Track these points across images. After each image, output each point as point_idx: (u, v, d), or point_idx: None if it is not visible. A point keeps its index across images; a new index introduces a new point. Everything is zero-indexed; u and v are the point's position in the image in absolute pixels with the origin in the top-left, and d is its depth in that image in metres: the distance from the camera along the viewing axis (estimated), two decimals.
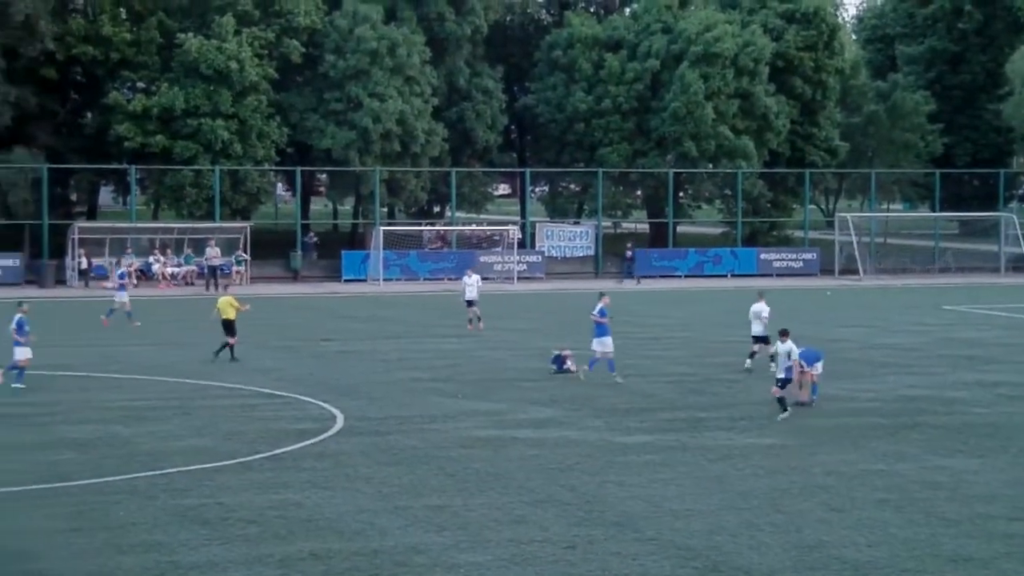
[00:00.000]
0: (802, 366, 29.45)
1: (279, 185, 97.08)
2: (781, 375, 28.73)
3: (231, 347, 36.88)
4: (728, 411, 29.36)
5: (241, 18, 67.85)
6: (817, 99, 79.40)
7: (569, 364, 35.31)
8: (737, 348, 38.06)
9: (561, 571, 17.63)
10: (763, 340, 34.98)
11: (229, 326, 37.00)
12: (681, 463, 24.24)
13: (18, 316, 32.16)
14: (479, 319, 45.54)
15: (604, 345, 33.54)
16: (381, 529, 19.44)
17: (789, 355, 28.62)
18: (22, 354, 31.83)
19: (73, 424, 27.49)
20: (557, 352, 35.71)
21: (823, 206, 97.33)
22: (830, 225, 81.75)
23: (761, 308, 35.76)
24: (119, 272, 48.04)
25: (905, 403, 30.82)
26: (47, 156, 66.89)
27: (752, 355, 35.51)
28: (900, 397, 31.71)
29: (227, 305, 37.32)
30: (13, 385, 31.52)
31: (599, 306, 33.88)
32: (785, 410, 28.46)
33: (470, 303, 45.88)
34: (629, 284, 67.31)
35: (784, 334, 28.96)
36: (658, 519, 20.19)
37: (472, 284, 46.23)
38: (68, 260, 63.68)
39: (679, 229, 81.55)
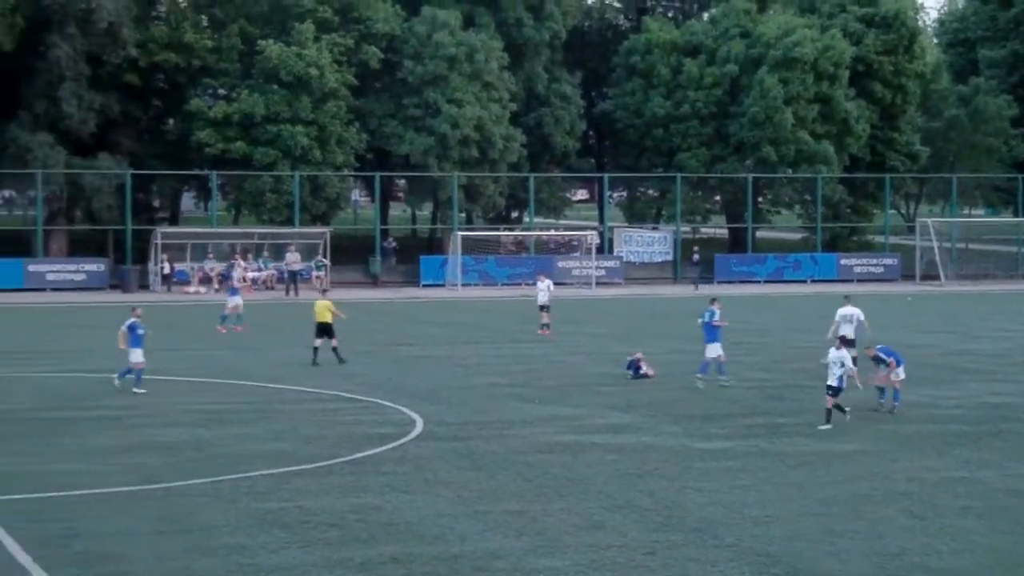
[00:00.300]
0: (893, 363, 29.28)
1: (355, 191, 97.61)
2: (833, 383, 28.04)
3: (335, 348, 37.36)
4: (808, 417, 29.14)
5: (321, 25, 68.37)
6: (897, 103, 78.66)
7: (645, 368, 35.29)
8: (817, 354, 37.71)
9: None
10: (851, 343, 34.73)
11: (325, 329, 37.38)
12: (760, 469, 24.10)
13: (131, 320, 32.54)
14: (547, 326, 45.56)
15: (713, 350, 33.35)
16: (460, 534, 19.49)
17: (842, 363, 27.99)
18: (136, 357, 32.25)
19: (158, 427, 27.81)
20: (630, 357, 35.68)
21: (903, 211, 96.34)
22: (911, 230, 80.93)
23: (850, 311, 35.47)
24: (232, 275, 47.44)
25: (988, 410, 30.45)
26: (130, 162, 67.75)
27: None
28: (983, 404, 31.33)
29: (324, 309, 37.74)
30: (134, 390, 31.83)
31: (711, 310, 33.75)
32: (828, 422, 27.78)
33: (543, 308, 45.92)
34: (703, 288, 67.00)
35: (843, 342, 28.04)
36: (737, 525, 20.09)
37: (544, 289, 46.22)
38: (151, 265, 64.43)
39: (758, 234, 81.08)
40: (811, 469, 24.09)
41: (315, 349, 37.30)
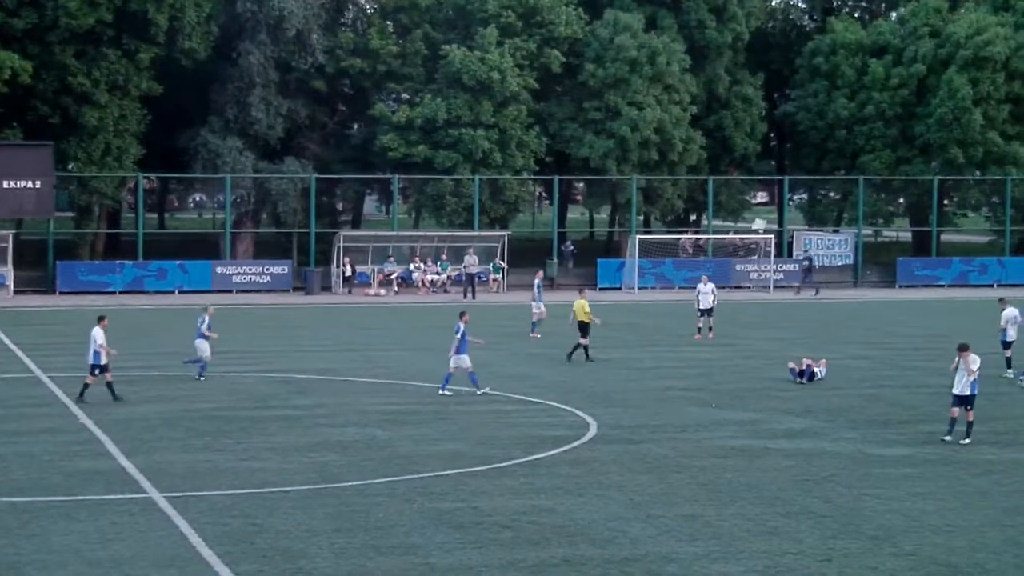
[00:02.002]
0: None
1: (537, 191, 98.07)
2: (966, 391, 26.47)
3: (585, 348, 38.83)
4: (991, 424, 28.43)
5: (504, 29, 68.87)
6: None
7: (818, 371, 34.97)
8: (1000, 360, 36.78)
9: None
10: (1008, 345, 35.46)
11: (583, 328, 39.12)
12: (941, 476, 23.62)
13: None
14: (710, 329, 45.21)
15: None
16: (633, 537, 19.49)
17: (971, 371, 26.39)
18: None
19: (336, 427, 28.36)
20: (792, 368, 35.23)
21: None
22: None
23: (1012, 313, 35.72)
24: (537, 283, 47.66)
25: None
26: (315, 166, 69.11)
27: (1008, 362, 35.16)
28: None
29: (580, 309, 39.49)
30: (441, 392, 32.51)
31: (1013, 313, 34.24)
32: (949, 433, 26.57)
33: (704, 312, 45.46)
34: (807, 294, 65.61)
35: (963, 349, 26.69)
36: (917, 534, 19.73)
37: (707, 292, 45.76)
38: (333, 267, 65.62)
39: (943, 237, 79.28)
40: (995, 478, 23.52)
41: (579, 346, 38.92)
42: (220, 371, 36.16)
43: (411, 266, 66.34)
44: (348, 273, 65.03)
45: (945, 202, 77.11)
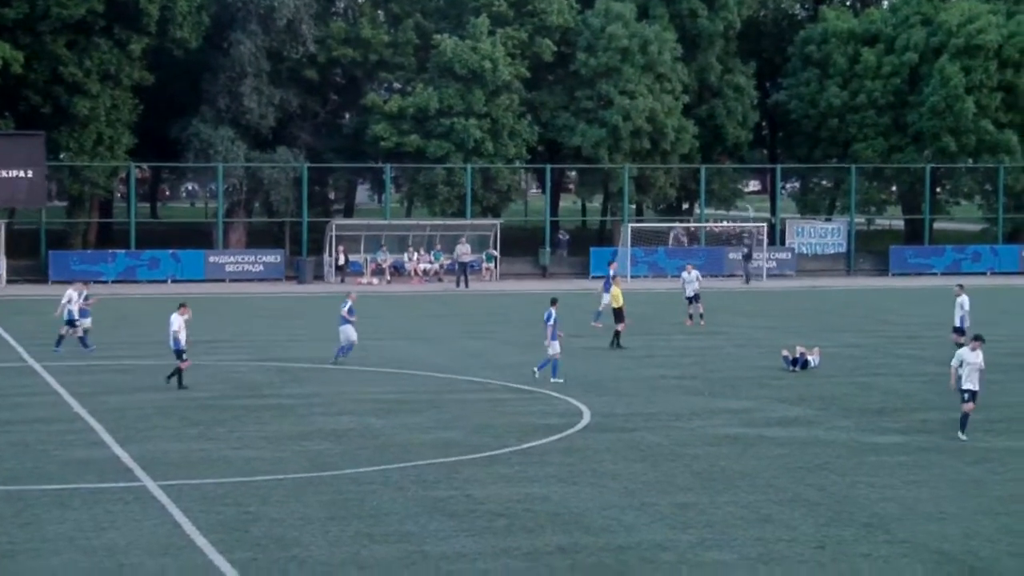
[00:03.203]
0: None
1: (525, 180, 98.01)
2: (975, 387, 25.77)
3: (617, 335, 39.39)
4: (986, 413, 28.44)
5: (496, 18, 68.80)
6: None
7: (811, 359, 35.06)
8: (995, 347, 36.79)
9: (809, 571, 17.43)
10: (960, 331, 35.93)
11: (618, 313, 39.57)
12: (935, 465, 23.66)
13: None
14: (701, 316, 45.34)
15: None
16: (627, 525, 19.51)
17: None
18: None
19: (330, 416, 28.36)
20: (792, 355, 35.29)
21: None
22: None
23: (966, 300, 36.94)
24: (611, 274, 47.26)
25: None
26: (307, 155, 69.05)
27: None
28: None
29: (616, 296, 40.03)
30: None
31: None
32: (963, 429, 25.83)
33: (691, 299, 45.68)
34: (755, 282, 65.38)
35: (977, 340, 26.10)
36: (911, 521, 19.77)
37: (692, 280, 45.91)
38: (326, 256, 65.57)
39: (936, 226, 79.33)
40: (989, 466, 23.56)
41: (617, 333, 39.46)
42: (213, 359, 36.13)
43: (404, 255, 66.33)
44: (341, 262, 65.00)
45: (938, 190, 77.17)
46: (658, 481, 22.30)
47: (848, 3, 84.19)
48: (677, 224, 74.51)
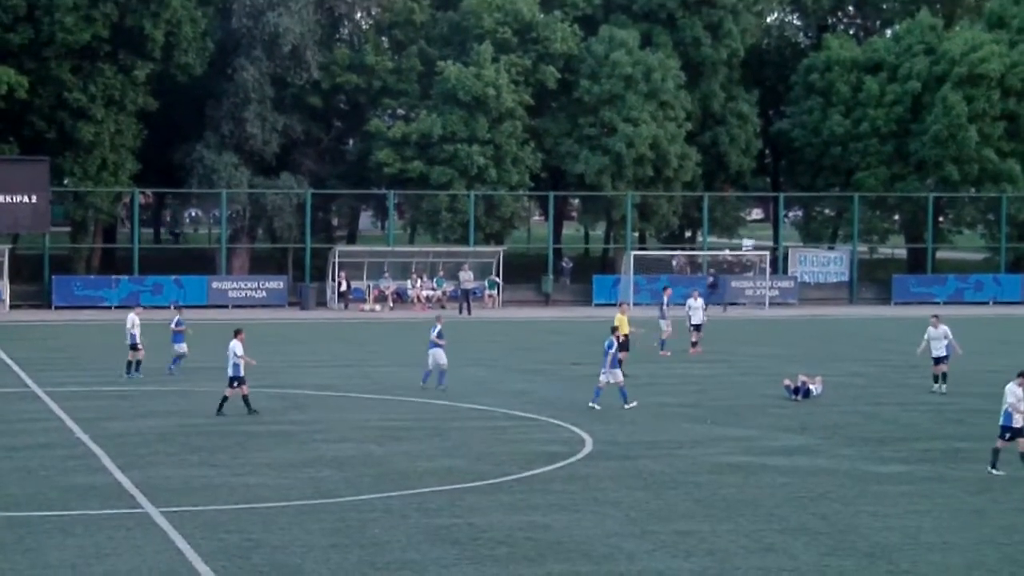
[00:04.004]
0: None
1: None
2: (1019, 423, 25.30)
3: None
4: (988, 443, 28.33)
5: (499, 45, 68.98)
6: None
7: (814, 388, 35.03)
8: (996, 378, 36.78)
9: None
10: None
11: (624, 341, 38.89)
12: (938, 494, 23.63)
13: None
14: (697, 344, 45.58)
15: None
16: (629, 553, 19.49)
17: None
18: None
19: (332, 443, 28.35)
20: (787, 384, 35.28)
21: None
22: None
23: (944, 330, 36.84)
24: (665, 300, 47.29)
25: None
26: (311, 182, 69.15)
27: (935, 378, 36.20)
28: None
29: (623, 323, 39.40)
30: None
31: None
32: (994, 466, 25.41)
33: (695, 327, 45.84)
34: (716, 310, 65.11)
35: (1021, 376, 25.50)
36: (913, 551, 19.74)
37: (698, 308, 46.16)
38: (328, 283, 65.61)
39: (938, 255, 79.36)
40: (992, 495, 23.54)
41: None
42: (215, 387, 36.12)
43: (407, 282, 66.36)
44: (344, 288, 65.04)
45: (940, 219, 77.21)
46: (660, 509, 22.28)
47: (851, 31, 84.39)
48: (679, 252, 74.56)
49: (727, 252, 75.42)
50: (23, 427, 30.06)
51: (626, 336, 39.61)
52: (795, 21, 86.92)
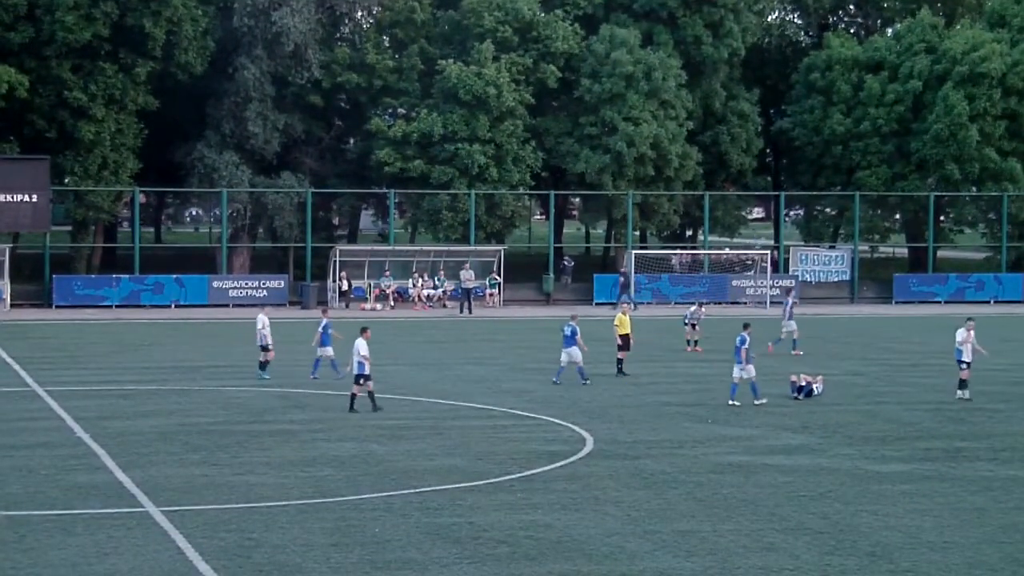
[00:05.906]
0: None
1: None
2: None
3: (620, 360, 39.49)
4: (989, 441, 28.46)
5: (500, 45, 68.97)
6: None
7: (815, 387, 35.04)
8: (998, 376, 36.83)
9: None
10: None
11: (625, 340, 39.55)
12: (939, 493, 23.61)
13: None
14: (696, 343, 45.79)
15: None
16: (630, 553, 19.48)
17: None
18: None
19: (333, 442, 28.33)
20: (794, 381, 35.33)
21: None
22: None
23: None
24: (790, 301, 47.12)
25: None
26: (311, 180, 69.14)
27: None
28: None
29: (623, 323, 40.07)
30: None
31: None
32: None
33: (694, 325, 46.40)
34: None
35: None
36: (914, 550, 19.72)
37: (695, 307, 47.47)
38: (329, 282, 65.59)
39: (939, 254, 79.35)
40: (993, 495, 23.51)
41: (621, 360, 39.58)
42: (216, 385, 36.13)
43: (408, 281, 66.33)
44: (344, 287, 65.02)
45: (941, 218, 77.20)
46: (661, 508, 22.27)
47: (852, 30, 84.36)
48: (680, 251, 74.54)
49: (727, 251, 75.28)
50: (24, 426, 30.05)
51: (627, 336, 39.73)
52: (796, 20, 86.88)
